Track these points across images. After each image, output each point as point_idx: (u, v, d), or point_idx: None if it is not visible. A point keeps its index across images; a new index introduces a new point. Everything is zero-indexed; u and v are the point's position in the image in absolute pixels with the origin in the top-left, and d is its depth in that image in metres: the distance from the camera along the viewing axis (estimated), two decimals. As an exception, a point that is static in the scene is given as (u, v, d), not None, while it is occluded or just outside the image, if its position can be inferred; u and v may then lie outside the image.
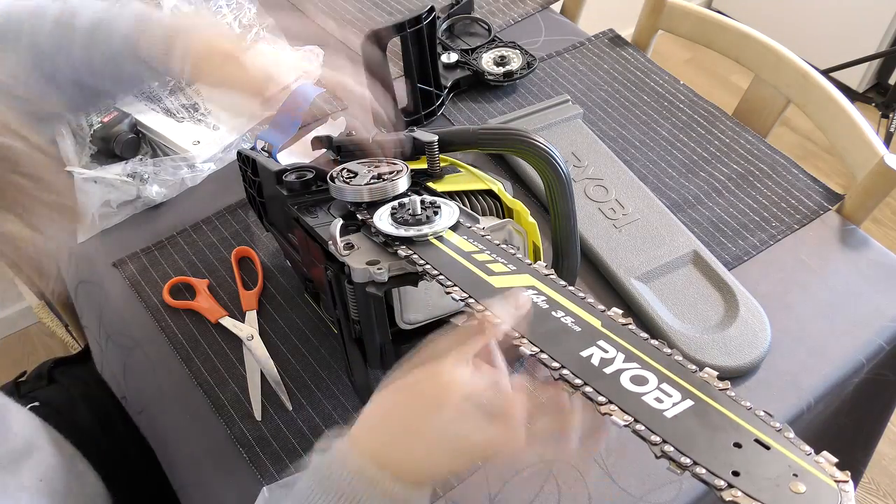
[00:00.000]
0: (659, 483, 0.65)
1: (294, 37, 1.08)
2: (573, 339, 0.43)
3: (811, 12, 2.30)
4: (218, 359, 0.76)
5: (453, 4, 1.13)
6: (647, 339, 0.43)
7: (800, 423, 0.72)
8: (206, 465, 0.69)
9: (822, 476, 0.34)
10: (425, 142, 0.63)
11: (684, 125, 1.00)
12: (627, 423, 0.38)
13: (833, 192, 0.90)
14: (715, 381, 0.40)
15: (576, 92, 1.05)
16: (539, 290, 0.48)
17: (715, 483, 0.35)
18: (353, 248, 0.56)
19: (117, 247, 0.87)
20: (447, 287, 0.49)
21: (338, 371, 0.74)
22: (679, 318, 0.76)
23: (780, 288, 0.80)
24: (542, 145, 0.60)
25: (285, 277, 0.83)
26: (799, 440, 0.36)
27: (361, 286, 0.55)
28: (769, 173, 0.92)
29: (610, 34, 1.15)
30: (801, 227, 0.86)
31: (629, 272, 0.79)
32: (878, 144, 0.87)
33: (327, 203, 0.65)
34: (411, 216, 0.55)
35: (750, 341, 0.73)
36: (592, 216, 0.85)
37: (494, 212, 0.64)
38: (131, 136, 0.93)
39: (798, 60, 0.99)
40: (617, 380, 0.40)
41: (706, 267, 0.80)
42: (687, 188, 0.91)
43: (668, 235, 0.83)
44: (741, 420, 0.37)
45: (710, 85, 2.34)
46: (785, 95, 1.02)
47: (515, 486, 0.66)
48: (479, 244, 0.53)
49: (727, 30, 1.07)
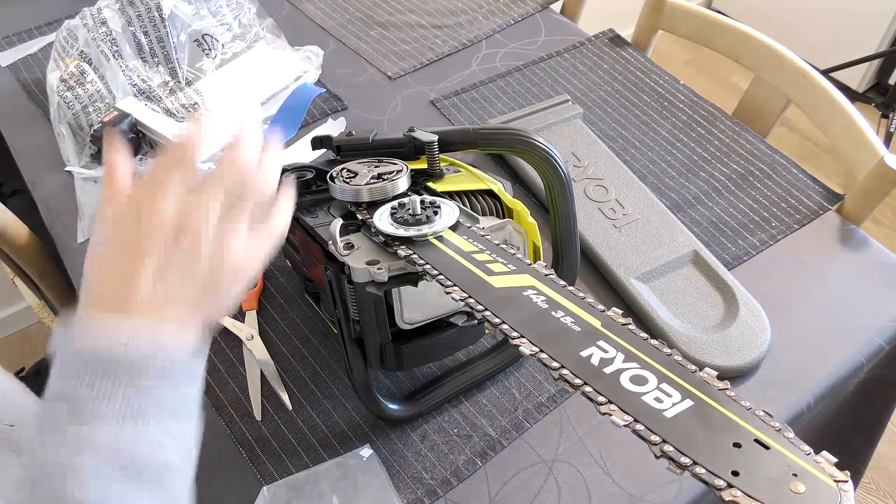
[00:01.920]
0: (659, 483, 0.65)
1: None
2: (573, 338, 0.43)
3: (811, 12, 2.30)
4: (218, 358, 0.76)
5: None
6: (647, 339, 0.43)
7: (800, 423, 0.72)
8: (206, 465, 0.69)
9: (822, 476, 0.34)
10: (425, 142, 0.63)
11: (684, 125, 1.00)
12: (627, 423, 0.38)
13: (833, 192, 0.90)
14: (715, 381, 0.40)
15: (576, 92, 1.05)
16: (539, 290, 0.48)
17: (714, 483, 0.34)
18: (353, 248, 0.56)
19: (117, 247, 0.87)
20: (447, 287, 0.49)
21: (338, 371, 0.74)
22: (679, 318, 0.76)
23: (780, 288, 0.80)
24: (542, 145, 0.60)
25: (285, 277, 0.83)
26: (798, 440, 0.36)
27: (361, 286, 0.55)
28: (769, 173, 0.92)
29: (610, 34, 1.15)
30: (801, 227, 0.86)
31: (629, 272, 0.79)
32: (878, 144, 0.87)
33: (327, 203, 0.65)
34: (411, 216, 0.55)
35: (750, 341, 0.73)
36: (592, 216, 0.85)
37: (494, 212, 0.64)
38: (131, 136, 0.93)
39: (798, 60, 0.99)
40: (617, 380, 0.40)
41: (706, 267, 0.80)
42: (687, 188, 0.91)
43: (668, 235, 0.83)
44: (741, 420, 0.37)
45: (710, 85, 2.34)
46: (785, 95, 1.02)
47: (515, 485, 0.66)
48: (479, 244, 0.53)
49: (727, 30, 1.07)
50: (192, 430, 0.42)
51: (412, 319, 0.60)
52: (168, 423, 0.40)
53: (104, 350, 0.39)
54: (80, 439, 0.38)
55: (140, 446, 0.39)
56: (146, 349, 0.39)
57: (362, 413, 0.71)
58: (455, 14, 1.19)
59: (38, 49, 1.13)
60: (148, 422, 0.39)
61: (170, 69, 1.00)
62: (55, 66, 0.99)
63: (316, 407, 0.71)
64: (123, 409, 0.39)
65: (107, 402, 0.38)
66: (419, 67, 1.10)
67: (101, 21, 0.98)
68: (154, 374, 0.39)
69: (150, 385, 0.39)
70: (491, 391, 0.72)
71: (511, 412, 0.70)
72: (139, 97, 0.97)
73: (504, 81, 1.07)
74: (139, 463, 0.39)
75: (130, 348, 0.39)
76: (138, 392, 0.39)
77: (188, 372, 0.42)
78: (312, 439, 0.69)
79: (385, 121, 1.02)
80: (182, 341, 0.41)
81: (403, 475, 0.66)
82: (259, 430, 0.70)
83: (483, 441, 0.68)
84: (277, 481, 0.66)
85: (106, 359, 0.39)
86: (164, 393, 0.40)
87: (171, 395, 0.41)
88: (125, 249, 0.42)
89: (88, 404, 0.38)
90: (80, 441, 0.38)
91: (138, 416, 0.39)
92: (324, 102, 1.04)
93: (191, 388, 0.42)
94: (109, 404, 0.38)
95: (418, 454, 0.68)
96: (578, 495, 0.65)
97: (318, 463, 0.67)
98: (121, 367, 0.39)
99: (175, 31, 1.00)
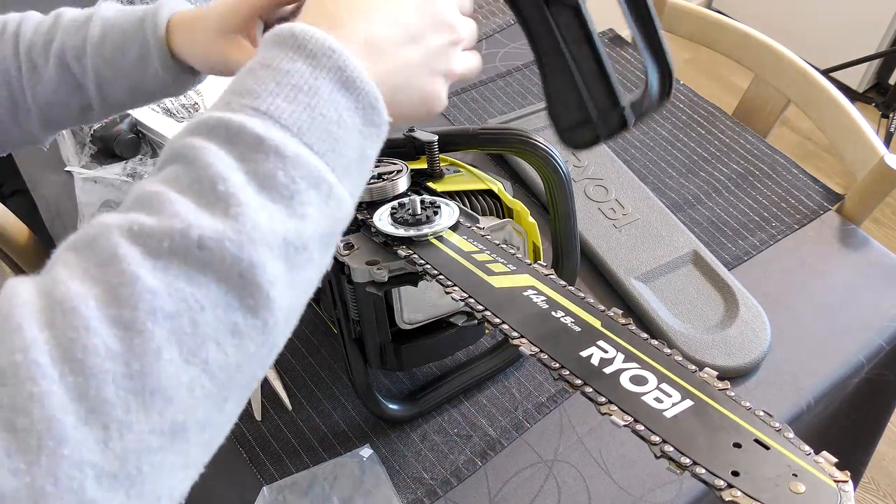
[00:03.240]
0: (659, 483, 0.65)
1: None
2: (573, 339, 0.43)
3: (811, 12, 2.30)
4: (218, 359, 0.76)
5: None
6: (647, 339, 0.43)
7: (800, 423, 0.72)
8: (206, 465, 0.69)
9: (822, 476, 0.34)
10: (425, 142, 0.63)
11: (684, 125, 1.00)
12: (627, 423, 0.38)
13: (833, 192, 0.90)
14: (714, 381, 0.40)
15: (576, 92, 1.05)
16: (539, 290, 0.48)
17: (714, 483, 0.35)
18: (353, 248, 0.56)
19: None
20: (447, 287, 0.49)
21: (338, 371, 0.74)
22: (679, 318, 0.76)
23: (780, 288, 0.80)
24: (542, 145, 0.60)
25: (285, 277, 0.83)
26: (798, 440, 0.36)
27: (361, 286, 0.55)
28: (769, 173, 0.92)
29: (610, 34, 1.15)
30: (801, 227, 0.86)
31: (629, 272, 0.79)
32: (878, 144, 0.87)
33: (327, 203, 0.65)
34: (411, 216, 0.55)
35: (750, 341, 0.73)
36: (592, 216, 0.85)
37: (494, 212, 0.64)
38: (131, 136, 0.93)
39: (798, 60, 0.99)
40: (617, 380, 0.40)
41: (706, 267, 0.80)
42: (687, 188, 0.91)
43: (668, 235, 0.83)
44: (741, 420, 0.37)
45: (710, 85, 2.34)
46: (785, 95, 1.02)
47: (515, 485, 0.66)
48: (479, 244, 0.53)
49: (727, 30, 1.07)
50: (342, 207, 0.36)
51: (412, 319, 0.60)
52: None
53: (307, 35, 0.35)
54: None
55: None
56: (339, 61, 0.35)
57: (362, 413, 0.71)
58: (455, 14, 1.19)
59: (38, 49, 1.13)
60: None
61: (170, 69, 1.00)
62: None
63: (316, 407, 0.71)
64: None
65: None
66: (419, 67, 1.10)
67: (101, 21, 0.98)
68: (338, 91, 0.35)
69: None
70: (491, 391, 0.72)
71: (511, 412, 0.70)
72: (139, 97, 0.97)
73: (504, 81, 1.07)
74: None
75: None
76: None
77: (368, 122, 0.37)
78: (312, 439, 0.69)
79: (385, 121, 1.02)
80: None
81: (403, 475, 0.66)
82: (259, 430, 0.70)
83: (483, 441, 0.68)
84: (277, 481, 0.66)
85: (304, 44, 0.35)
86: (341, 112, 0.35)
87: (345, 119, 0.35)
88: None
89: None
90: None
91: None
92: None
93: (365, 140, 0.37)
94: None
95: (418, 454, 0.68)
96: (578, 495, 0.65)
97: (318, 463, 0.67)
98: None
99: (175, 31, 1.00)
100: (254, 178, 0.32)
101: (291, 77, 0.34)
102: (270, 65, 0.34)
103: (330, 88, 0.34)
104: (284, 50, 0.35)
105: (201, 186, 0.31)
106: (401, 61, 0.40)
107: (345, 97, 0.35)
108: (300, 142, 0.33)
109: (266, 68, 0.34)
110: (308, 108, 0.34)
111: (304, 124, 0.33)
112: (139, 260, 0.29)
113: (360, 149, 0.36)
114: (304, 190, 0.32)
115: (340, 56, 0.35)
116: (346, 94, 0.35)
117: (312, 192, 0.33)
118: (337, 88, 0.35)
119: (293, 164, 0.32)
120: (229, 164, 0.31)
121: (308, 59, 0.34)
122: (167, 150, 0.33)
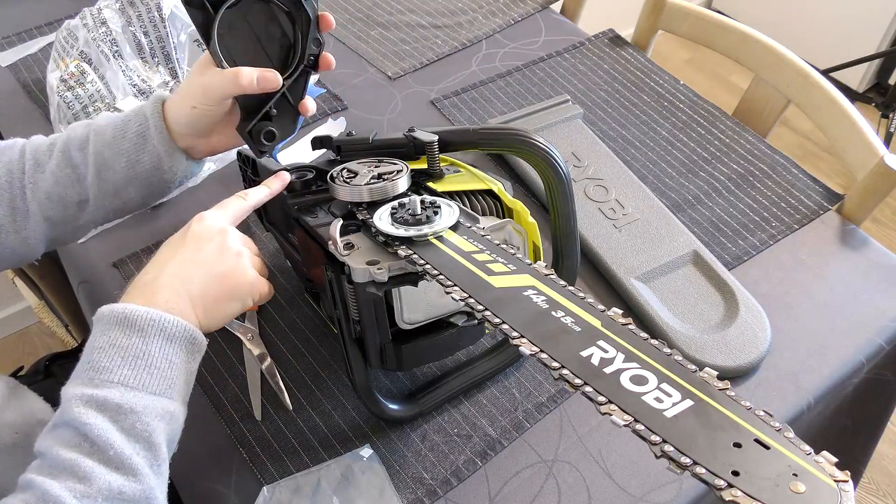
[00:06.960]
0: (659, 483, 0.65)
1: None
2: (573, 338, 0.43)
3: (811, 12, 2.30)
4: (218, 359, 0.76)
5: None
6: (647, 339, 0.43)
7: (800, 423, 0.72)
8: (206, 465, 0.69)
9: (822, 476, 0.34)
10: (425, 142, 0.63)
11: (684, 125, 1.00)
12: (627, 422, 0.38)
13: (833, 192, 0.90)
14: (715, 381, 0.40)
15: (576, 92, 1.05)
16: (539, 290, 0.48)
17: (715, 483, 0.35)
18: (353, 248, 0.56)
19: (117, 247, 0.87)
20: (447, 287, 0.49)
21: (338, 371, 0.74)
22: (679, 318, 0.76)
23: (780, 288, 0.80)
24: (542, 145, 0.60)
25: (285, 277, 0.83)
26: (799, 440, 0.36)
27: (361, 286, 0.55)
28: (769, 173, 0.92)
29: (610, 34, 1.15)
30: (801, 227, 0.86)
31: (629, 272, 0.79)
32: (878, 144, 0.87)
33: (327, 203, 0.65)
34: (411, 216, 0.55)
35: (750, 341, 0.73)
36: (592, 216, 0.85)
37: (494, 212, 0.64)
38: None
39: (798, 60, 0.99)
40: (617, 380, 0.40)
41: (706, 267, 0.80)
42: (687, 188, 0.91)
43: (668, 235, 0.83)
44: (741, 420, 0.37)
45: (710, 85, 2.34)
46: (785, 95, 1.02)
47: (515, 485, 0.66)
48: (479, 244, 0.53)
49: (727, 30, 1.07)
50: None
51: (412, 319, 0.60)
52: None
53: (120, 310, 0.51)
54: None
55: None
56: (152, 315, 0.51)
57: (362, 413, 0.71)
58: (455, 14, 1.20)
59: (38, 49, 1.13)
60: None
61: (170, 69, 1.00)
62: (55, 66, 0.99)
63: (316, 407, 0.71)
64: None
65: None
66: (419, 67, 1.10)
67: (101, 21, 0.98)
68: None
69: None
70: (491, 391, 0.72)
71: (511, 412, 0.70)
72: (139, 97, 0.97)
73: (504, 81, 1.07)
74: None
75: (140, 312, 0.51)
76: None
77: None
78: (312, 439, 0.69)
79: (385, 121, 1.02)
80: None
81: (403, 475, 0.66)
82: (259, 430, 0.70)
83: (483, 441, 0.68)
84: (277, 481, 0.66)
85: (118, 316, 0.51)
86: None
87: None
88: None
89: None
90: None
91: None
92: (324, 102, 1.04)
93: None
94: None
95: (418, 454, 0.68)
96: (578, 495, 0.65)
97: (318, 463, 0.67)
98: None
99: (175, 31, 1.00)
100: (123, 432, 0.47)
101: (130, 350, 0.49)
102: (115, 343, 0.49)
103: (159, 346, 0.50)
104: (122, 328, 0.50)
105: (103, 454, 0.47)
106: (209, 298, 0.55)
107: (171, 346, 0.51)
108: (146, 392, 0.49)
109: (113, 347, 0.49)
110: (146, 367, 0.49)
111: (145, 380, 0.49)
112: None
113: (188, 372, 0.52)
114: (155, 423, 0.49)
115: (161, 320, 0.51)
116: (170, 344, 0.51)
117: (163, 423, 0.49)
118: (164, 344, 0.51)
119: (145, 413, 0.48)
120: (108, 429, 0.47)
121: (138, 332, 0.50)
122: (62, 414, 0.47)
